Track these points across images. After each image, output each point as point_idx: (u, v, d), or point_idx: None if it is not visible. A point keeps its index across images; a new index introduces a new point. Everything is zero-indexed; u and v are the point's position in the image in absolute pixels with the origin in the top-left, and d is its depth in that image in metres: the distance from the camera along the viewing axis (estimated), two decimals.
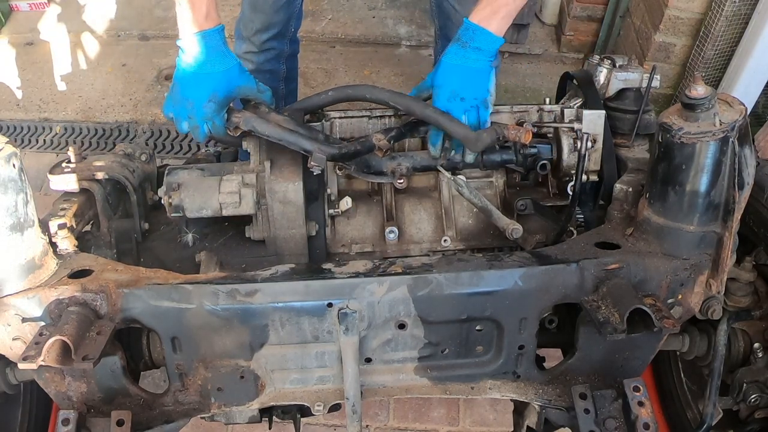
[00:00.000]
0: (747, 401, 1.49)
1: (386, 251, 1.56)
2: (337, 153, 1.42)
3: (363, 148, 1.46)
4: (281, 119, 1.46)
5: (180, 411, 1.34)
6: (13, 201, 1.21)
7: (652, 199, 1.34)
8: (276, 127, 1.42)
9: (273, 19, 2.15)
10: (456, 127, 1.43)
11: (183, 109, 1.39)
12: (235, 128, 1.43)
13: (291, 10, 2.18)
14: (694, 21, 2.77)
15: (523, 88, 3.45)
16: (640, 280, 1.30)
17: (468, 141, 1.43)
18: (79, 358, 1.13)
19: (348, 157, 1.46)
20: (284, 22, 2.20)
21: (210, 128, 1.42)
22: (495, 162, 1.56)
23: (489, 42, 1.46)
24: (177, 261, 1.52)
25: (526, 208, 1.55)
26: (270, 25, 2.17)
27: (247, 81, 1.44)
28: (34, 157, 3.10)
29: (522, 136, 1.44)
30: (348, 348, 1.28)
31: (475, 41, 1.45)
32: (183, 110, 1.39)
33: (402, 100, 1.47)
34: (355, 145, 1.46)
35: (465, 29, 1.46)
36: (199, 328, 1.27)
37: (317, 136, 1.45)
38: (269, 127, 1.41)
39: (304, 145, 1.40)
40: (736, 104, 1.26)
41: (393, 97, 1.47)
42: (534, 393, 1.39)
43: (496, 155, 1.56)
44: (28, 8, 3.87)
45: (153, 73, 3.50)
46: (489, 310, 1.29)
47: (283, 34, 2.25)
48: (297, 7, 2.21)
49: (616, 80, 1.63)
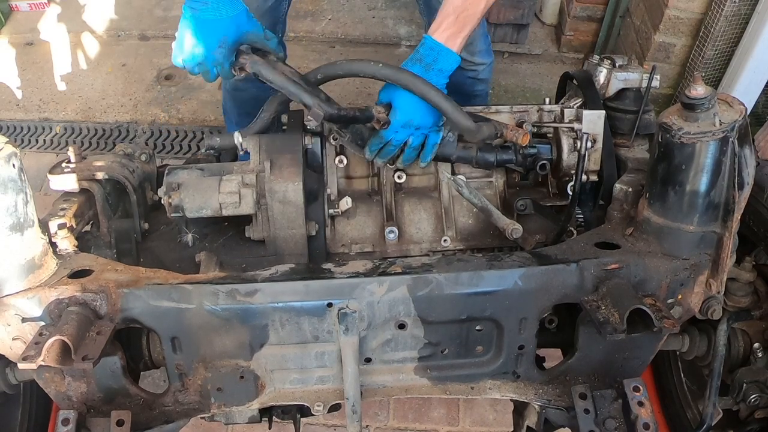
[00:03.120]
0: (747, 401, 1.49)
1: (386, 251, 1.56)
2: (335, 114, 1.40)
3: (362, 116, 1.44)
4: (288, 70, 1.44)
5: (180, 411, 1.34)
6: (13, 201, 1.21)
7: (652, 199, 1.34)
8: (281, 75, 1.40)
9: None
10: (458, 117, 1.40)
11: (193, 56, 1.39)
12: (240, 69, 1.42)
13: (276, 14, 2.15)
14: (694, 21, 2.77)
15: (523, 88, 3.45)
16: (640, 280, 1.30)
17: (468, 132, 1.43)
18: (79, 358, 1.13)
19: (345, 120, 1.45)
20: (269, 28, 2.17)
21: (219, 72, 1.42)
22: (489, 161, 1.55)
23: (451, 63, 1.43)
24: (177, 261, 1.52)
25: (526, 208, 1.55)
26: None
27: (255, 27, 1.43)
28: (34, 157, 3.10)
29: (520, 138, 1.44)
30: (348, 348, 1.28)
31: (438, 63, 1.42)
32: (193, 56, 1.39)
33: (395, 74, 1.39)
34: (354, 111, 1.44)
35: (429, 49, 1.43)
36: (199, 328, 1.27)
37: (319, 95, 1.42)
38: (274, 73, 1.40)
39: (304, 99, 1.39)
40: (736, 104, 1.26)
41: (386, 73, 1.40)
42: (534, 393, 1.39)
43: (490, 155, 1.54)
44: (28, 8, 3.86)
45: (153, 73, 3.49)
46: (489, 310, 1.29)
47: None
48: (282, 12, 2.19)
49: (616, 80, 1.63)
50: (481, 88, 2.27)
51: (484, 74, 2.23)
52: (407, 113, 1.42)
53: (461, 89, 2.13)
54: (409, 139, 1.46)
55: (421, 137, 1.47)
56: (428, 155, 1.50)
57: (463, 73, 2.17)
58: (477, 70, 2.17)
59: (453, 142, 1.53)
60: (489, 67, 2.24)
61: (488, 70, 2.25)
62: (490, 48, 2.23)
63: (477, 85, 2.24)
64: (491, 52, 2.24)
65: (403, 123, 1.43)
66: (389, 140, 1.46)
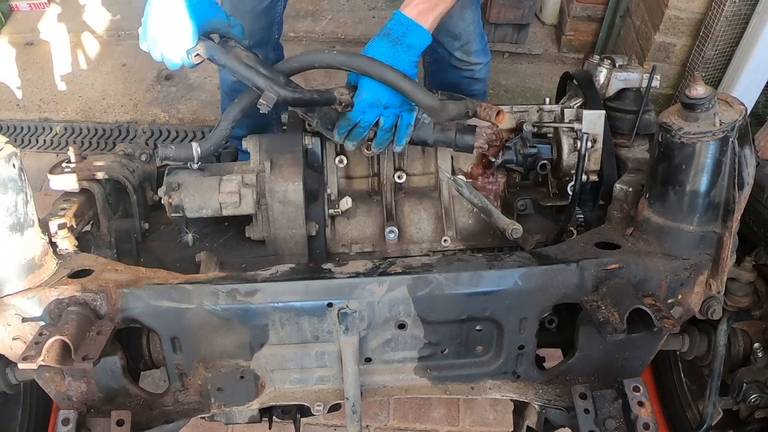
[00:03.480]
0: (747, 401, 1.49)
1: (386, 251, 1.56)
2: (290, 96, 1.37)
3: (321, 98, 1.40)
4: (244, 55, 1.42)
5: (180, 411, 1.34)
6: (13, 201, 1.21)
7: (652, 199, 1.34)
8: (234, 59, 1.39)
9: (254, 26, 2.11)
10: (419, 96, 1.35)
11: (154, 42, 1.38)
12: (195, 55, 1.40)
13: (272, 16, 2.15)
14: (694, 21, 2.77)
15: (523, 88, 3.45)
16: (640, 280, 1.30)
17: (432, 111, 1.37)
18: (79, 358, 1.13)
19: (302, 103, 1.41)
20: (266, 29, 2.17)
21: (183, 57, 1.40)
22: (468, 144, 1.48)
23: (422, 39, 1.38)
24: (177, 261, 1.52)
25: (526, 208, 1.55)
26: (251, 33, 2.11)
27: (217, 14, 1.42)
28: (34, 157, 3.10)
29: (493, 116, 1.38)
30: (348, 348, 1.28)
31: (407, 38, 1.37)
32: (154, 43, 1.39)
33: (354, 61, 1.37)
34: (313, 93, 1.40)
35: (398, 24, 1.38)
36: (199, 328, 1.27)
37: (277, 78, 1.40)
38: (227, 57, 1.39)
39: (257, 82, 1.36)
40: (736, 104, 1.26)
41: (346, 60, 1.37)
42: (534, 393, 1.39)
43: (470, 137, 1.48)
44: (28, 8, 3.86)
45: (153, 73, 3.49)
46: (489, 310, 1.29)
47: (266, 42, 2.21)
48: (278, 13, 2.18)
49: (616, 80, 1.63)
50: (478, 88, 2.27)
51: (480, 74, 2.24)
52: (373, 93, 1.38)
53: (458, 89, 2.13)
54: (380, 119, 1.41)
55: (393, 118, 1.42)
56: (402, 138, 1.44)
57: (459, 72, 2.18)
58: (473, 69, 2.18)
59: (429, 124, 1.48)
60: (486, 66, 2.24)
61: (485, 70, 2.25)
62: (487, 47, 2.24)
63: (474, 85, 2.24)
64: (488, 51, 2.24)
65: (369, 103, 1.39)
66: (357, 122, 1.41)
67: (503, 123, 1.41)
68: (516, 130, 1.61)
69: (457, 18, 2.04)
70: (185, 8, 1.35)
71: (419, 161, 1.63)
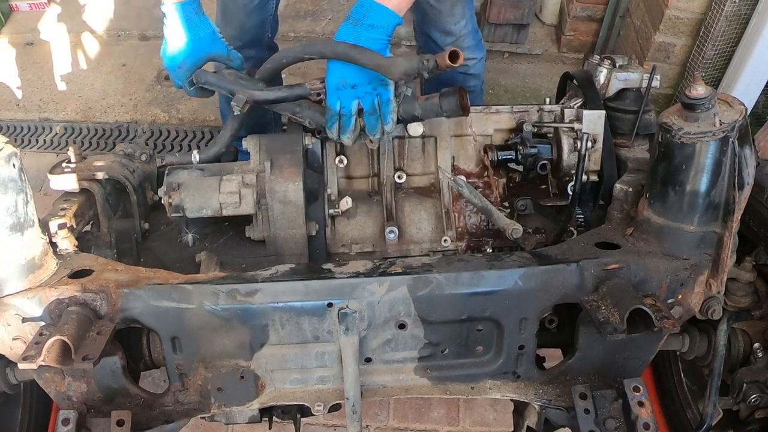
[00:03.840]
0: (747, 401, 1.49)
1: (386, 251, 1.56)
2: (260, 96, 1.44)
3: (290, 94, 1.45)
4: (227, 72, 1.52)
5: (180, 411, 1.34)
6: (13, 201, 1.21)
7: (652, 199, 1.34)
8: (218, 76, 1.50)
9: (246, 24, 2.12)
10: (365, 57, 1.33)
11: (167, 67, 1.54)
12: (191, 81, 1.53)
13: (264, 14, 2.14)
14: (694, 21, 2.77)
15: (523, 88, 3.45)
16: (640, 280, 1.30)
17: (384, 69, 1.34)
18: (79, 358, 1.13)
19: (272, 102, 1.46)
20: (258, 27, 2.16)
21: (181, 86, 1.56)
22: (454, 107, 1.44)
23: (384, 18, 1.36)
24: (177, 261, 1.52)
25: (526, 208, 1.55)
26: (243, 32, 2.13)
27: (218, 49, 1.55)
28: (34, 157, 3.10)
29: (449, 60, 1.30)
30: (348, 348, 1.28)
31: (368, 18, 1.36)
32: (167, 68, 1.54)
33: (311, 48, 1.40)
34: (282, 90, 1.45)
35: (359, 6, 1.38)
36: (199, 328, 1.27)
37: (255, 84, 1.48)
38: (214, 77, 1.50)
39: (228, 87, 1.47)
40: (736, 104, 1.26)
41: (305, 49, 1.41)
42: (534, 393, 1.39)
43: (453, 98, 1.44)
44: (28, 8, 3.87)
45: (153, 73, 3.49)
46: (489, 310, 1.29)
47: (259, 41, 2.20)
48: (270, 11, 2.17)
49: (616, 80, 1.63)
50: (473, 83, 2.28)
51: (475, 69, 2.25)
52: (336, 73, 1.38)
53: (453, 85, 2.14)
54: (358, 102, 1.39)
55: (370, 97, 1.39)
56: (387, 116, 1.40)
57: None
58: (467, 65, 2.18)
59: (411, 96, 1.45)
60: (480, 62, 2.25)
61: (479, 65, 2.26)
62: (481, 43, 2.24)
63: (469, 81, 2.25)
64: (482, 47, 2.25)
65: (336, 84, 1.39)
66: (338, 109, 1.40)
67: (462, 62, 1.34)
68: (516, 130, 1.61)
69: (448, 14, 2.05)
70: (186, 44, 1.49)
71: (419, 161, 1.63)
